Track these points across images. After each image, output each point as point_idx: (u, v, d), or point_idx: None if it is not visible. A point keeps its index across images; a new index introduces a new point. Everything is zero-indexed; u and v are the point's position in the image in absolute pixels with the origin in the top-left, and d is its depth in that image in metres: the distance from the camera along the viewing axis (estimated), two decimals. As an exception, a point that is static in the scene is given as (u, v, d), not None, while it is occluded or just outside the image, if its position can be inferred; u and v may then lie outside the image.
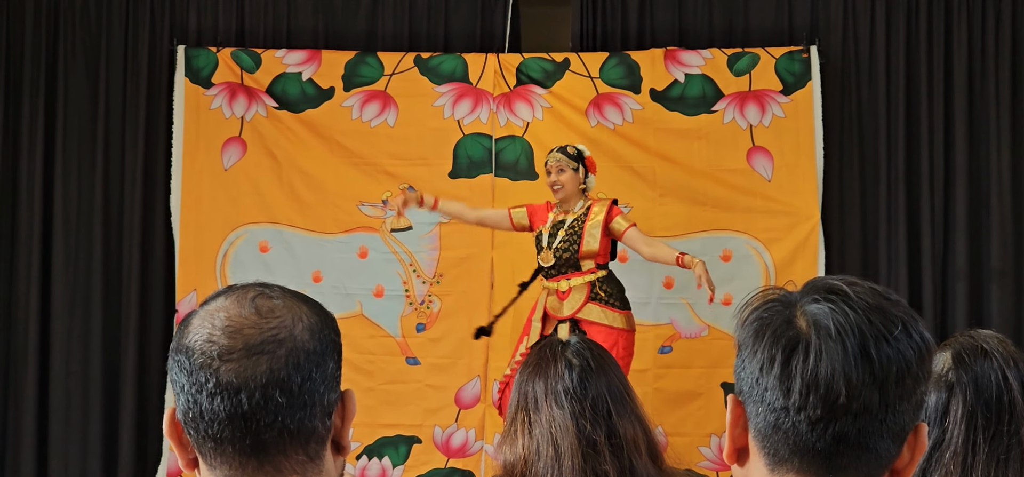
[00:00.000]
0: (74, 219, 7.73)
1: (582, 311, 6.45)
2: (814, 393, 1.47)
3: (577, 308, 6.46)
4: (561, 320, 6.46)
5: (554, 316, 6.49)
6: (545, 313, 6.52)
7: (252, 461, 1.58)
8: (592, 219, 6.56)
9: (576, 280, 6.50)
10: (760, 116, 7.55)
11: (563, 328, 6.43)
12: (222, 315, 1.59)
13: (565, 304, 6.49)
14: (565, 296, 6.50)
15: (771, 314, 1.53)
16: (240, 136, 7.61)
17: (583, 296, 6.48)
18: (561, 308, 6.49)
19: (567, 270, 6.52)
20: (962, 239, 7.63)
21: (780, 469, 1.52)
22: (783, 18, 7.80)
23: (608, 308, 6.48)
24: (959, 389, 2.26)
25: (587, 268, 6.53)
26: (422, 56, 7.69)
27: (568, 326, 6.43)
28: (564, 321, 6.45)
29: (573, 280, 6.51)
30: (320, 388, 1.60)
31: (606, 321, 6.44)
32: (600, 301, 6.48)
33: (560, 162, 6.60)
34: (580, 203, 6.61)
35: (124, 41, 7.80)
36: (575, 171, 6.59)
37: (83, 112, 7.77)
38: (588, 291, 6.49)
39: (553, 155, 6.65)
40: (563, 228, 6.56)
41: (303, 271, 7.48)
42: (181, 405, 1.60)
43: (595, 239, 6.51)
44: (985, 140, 7.70)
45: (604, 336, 6.31)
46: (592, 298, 6.47)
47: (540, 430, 2.70)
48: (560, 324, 6.46)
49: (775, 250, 7.48)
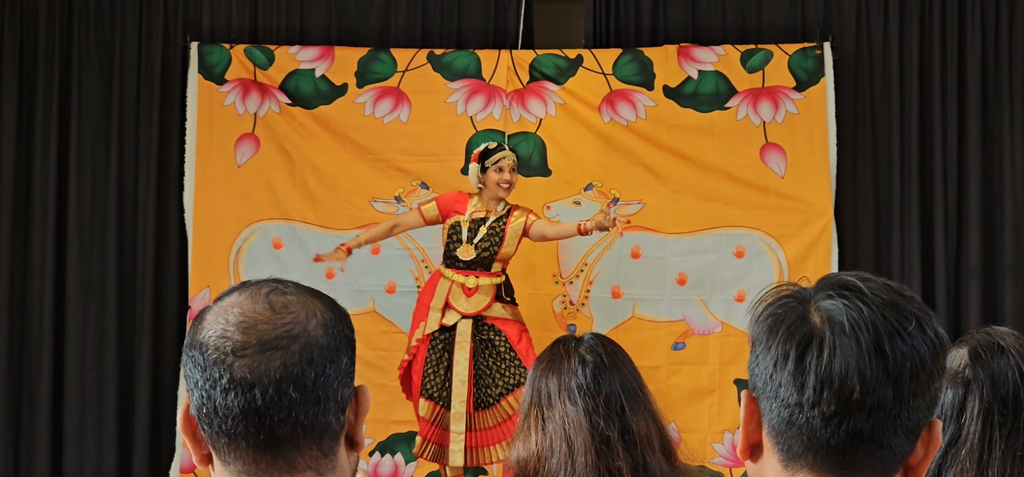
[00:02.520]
0: (88, 216, 7.74)
1: (488, 310, 6.65)
2: (828, 389, 1.47)
3: (482, 307, 6.65)
4: (464, 315, 6.63)
5: (454, 309, 6.65)
6: (446, 303, 6.64)
7: (266, 456, 1.58)
8: (513, 223, 6.72)
9: (484, 280, 6.69)
10: (773, 113, 7.54)
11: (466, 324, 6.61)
12: (236, 311, 1.59)
13: (469, 301, 6.64)
14: (471, 292, 6.65)
15: (785, 310, 1.53)
16: (253, 132, 7.62)
17: (489, 297, 6.68)
18: (465, 304, 6.64)
19: (478, 268, 6.66)
20: (975, 235, 7.62)
21: (794, 465, 1.52)
22: (796, 14, 7.79)
23: (510, 306, 6.74)
24: (976, 386, 2.25)
25: (496, 270, 6.72)
26: (435, 53, 7.70)
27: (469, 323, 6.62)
28: (467, 317, 6.62)
29: (482, 279, 6.68)
30: (334, 384, 1.60)
31: (511, 316, 6.71)
32: (503, 302, 6.71)
33: (514, 162, 6.80)
34: (503, 203, 6.77)
35: (138, 38, 7.81)
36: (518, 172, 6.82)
37: (97, 109, 7.78)
38: (494, 293, 6.68)
39: (510, 155, 6.80)
40: (484, 225, 6.66)
41: (316, 268, 7.47)
42: (195, 401, 1.60)
43: (514, 245, 6.74)
44: (998, 136, 7.68)
45: (510, 326, 6.66)
46: (497, 298, 6.69)
47: (553, 426, 2.70)
48: (463, 319, 6.62)
49: (788, 246, 7.47)
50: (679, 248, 7.53)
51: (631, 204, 7.52)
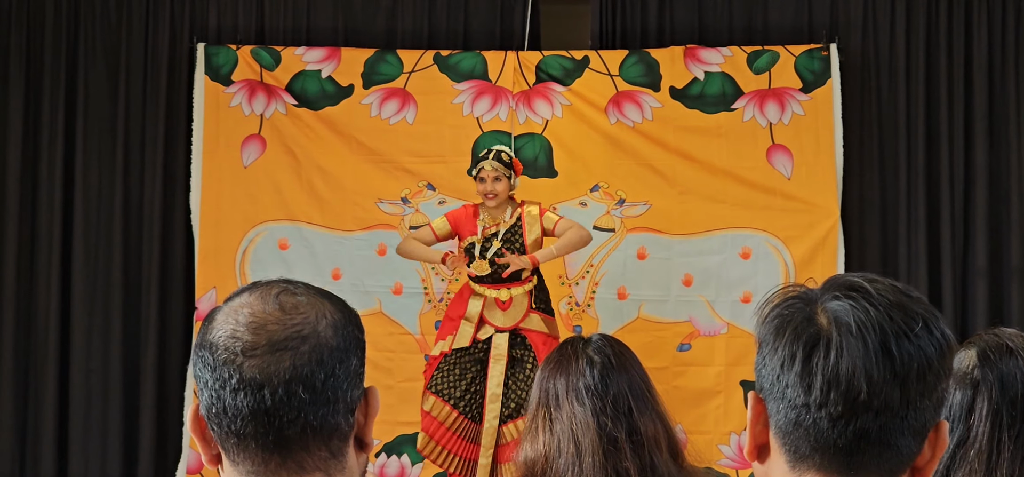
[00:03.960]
0: (94, 217, 7.75)
1: (525, 321, 6.52)
2: (835, 390, 1.47)
3: (520, 319, 6.52)
4: (500, 330, 6.50)
5: (490, 324, 6.51)
6: (482, 318, 6.52)
7: (275, 457, 1.58)
8: (530, 227, 6.60)
9: (517, 290, 6.54)
10: (780, 114, 7.54)
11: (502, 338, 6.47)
12: (246, 311, 1.60)
13: (507, 314, 6.52)
14: (506, 306, 6.52)
15: (792, 311, 1.53)
16: (259, 134, 7.63)
17: (525, 306, 6.54)
18: (502, 318, 6.51)
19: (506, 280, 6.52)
20: (982, 237, 7.61)
21: (801, 466, 1.52)
22: (803, 16, 7.79)
23: (546, 316, 6.59)
24: (984, 387, 2.25)
25: (525, 276, 6.58)
26: (441, 54, 7.70)
27: (506, 336, 6.48)
28: (503, 331, 6.49)
29: (514, 290, 6.54)
30: (343, 385, 1.60)
31: (546, 330, 6.54)
32: (540, 310, 6.57)
33: (497, 171, 6.58)
34: (509, 211, 6.65)
35: (144, 39, 7.82)
36: (508, 179, 6.61)
37: (103, 110, 7.79)
38: (529, 301, 6.55)
39: (490, 164, 6.59)
40: (497, 238, 6.57)
41: (322, 269, 7.49)
42: (205, 401, 1.60)
43: (536, 232, 6.60)
44: (1005, 137, 7.68)
45: (544, 343, 6.46)
46: (532, 308, 6.55)
47: (561, 427, 2.71)
48: (498, 333, 6.49)
49: (795, 248, 7.47)
50: (685, 249, 7.53)
51: (637, 205, 7.52)
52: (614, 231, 7.43)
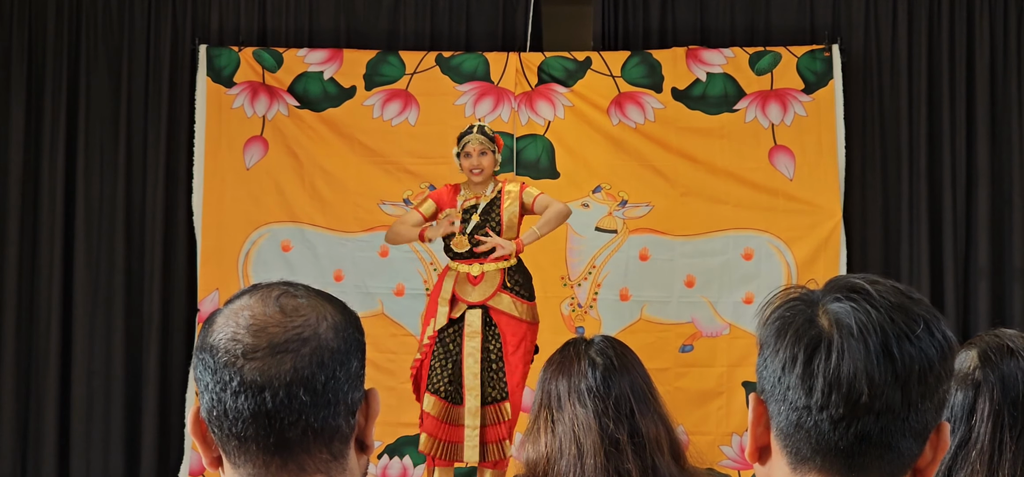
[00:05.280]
0: (96, 219, 7.75)
1: (493, 299, 6.39)
2: (836, 392, 1.47)
3: (489, 295, 6.39)
4: (471, 305, 6.39)
5: (462, 300, 6.41)
6: (453, 296, 6.42)
7: (276, 459, 1.58)
8: (508, 202, 6.50)
9: (489, 266, 6.42)
10: (782, 115, 7.55)
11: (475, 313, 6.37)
12: (247, 313, 1.60)
13: (476, 289, 6.41)
14: (477, 281, 6.42)
15: (793, 313, 1.53)
16: (262, 135, 7.63)
17: (496, 283, 6.41)
18: (471, 293, 6.41)
19: (481, 255, 6.44)
20: (984, 238, 7.62)
21: (802, 468, 1.52)
22: (805, 17, 7.79)
23: (518, 299, 6.43)
24: (986, 388, 2.25)
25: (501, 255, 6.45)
26: (443, 55, 7.71)
27: (479, 312, 6.38)
28: (474, 307, 6.38)
29: (486, 265, 6.42)
30: (344, 387, 1.60)
31: (515, 313, 6.40)
32: (511, 291, 6.42)
33: (482, 145, 6.48)
34: (491, 186, 6.55)
35: (146, 41, 7.83)
36: (493, 154, 6.52)
37: (105, 112, 7.79)
38: (501, 278, 6.41)
39: (475, 137, 6.49)
40: (476, 212, 6.49)
41: (324, 270, 7.50)
42: (205, 403, 1.60)
43: (514, 226, 6.49)
44: (1007, 139, 7.68)
45: (514, 328, 6.36)
46: (504, 287, 6.41)
47: (563, 428, 2.71)
48: (470, 310, 6.38)
49: (797, 249, 7.47)
50: (687, 250, 7.53)
51: (639, 206, 7.52)
52: (616, 232, 7.44)
